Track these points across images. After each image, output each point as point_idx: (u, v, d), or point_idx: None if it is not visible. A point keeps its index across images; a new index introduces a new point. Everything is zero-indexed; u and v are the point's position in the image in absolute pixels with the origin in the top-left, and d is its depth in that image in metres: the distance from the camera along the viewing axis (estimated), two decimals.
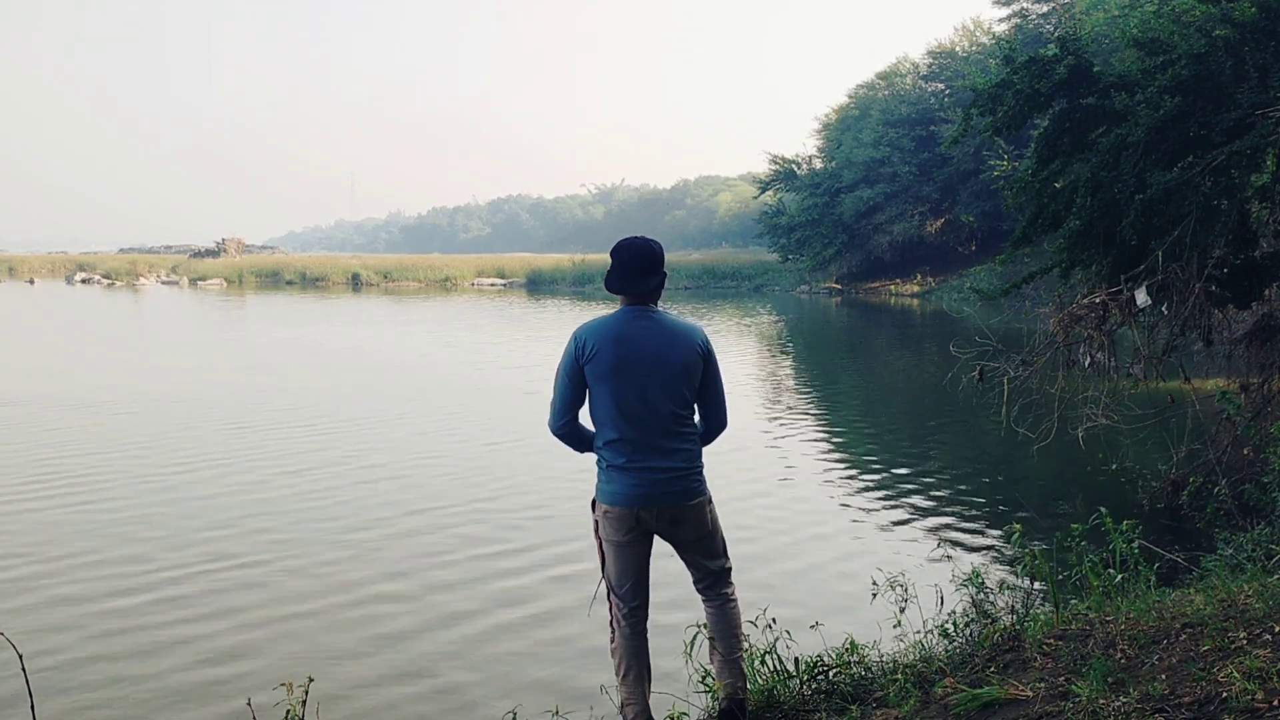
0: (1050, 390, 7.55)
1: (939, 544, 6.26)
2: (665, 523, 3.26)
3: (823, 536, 7.26)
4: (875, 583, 4.28)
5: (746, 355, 20.06)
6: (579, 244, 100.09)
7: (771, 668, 3.68)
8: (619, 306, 3.30)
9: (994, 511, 7.81)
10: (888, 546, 6.91)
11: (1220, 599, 3.56)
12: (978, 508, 7.96)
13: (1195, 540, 5.90)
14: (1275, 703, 2.48)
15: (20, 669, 2.82)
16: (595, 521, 3.34)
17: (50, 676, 4.81)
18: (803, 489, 8.70)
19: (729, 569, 3.44)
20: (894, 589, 4.14)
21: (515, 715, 3.68)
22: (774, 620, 3.79)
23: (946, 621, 4.04)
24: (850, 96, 45.95)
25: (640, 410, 3.18)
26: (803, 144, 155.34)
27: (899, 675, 3.47)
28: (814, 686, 3.65)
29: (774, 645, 3.73)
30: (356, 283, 53.28)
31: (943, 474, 9.19)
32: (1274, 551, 4.45)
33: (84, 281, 55.21)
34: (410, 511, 7.86)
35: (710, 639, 3.41)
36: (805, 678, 3.66)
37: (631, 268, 3.25)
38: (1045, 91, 7.94)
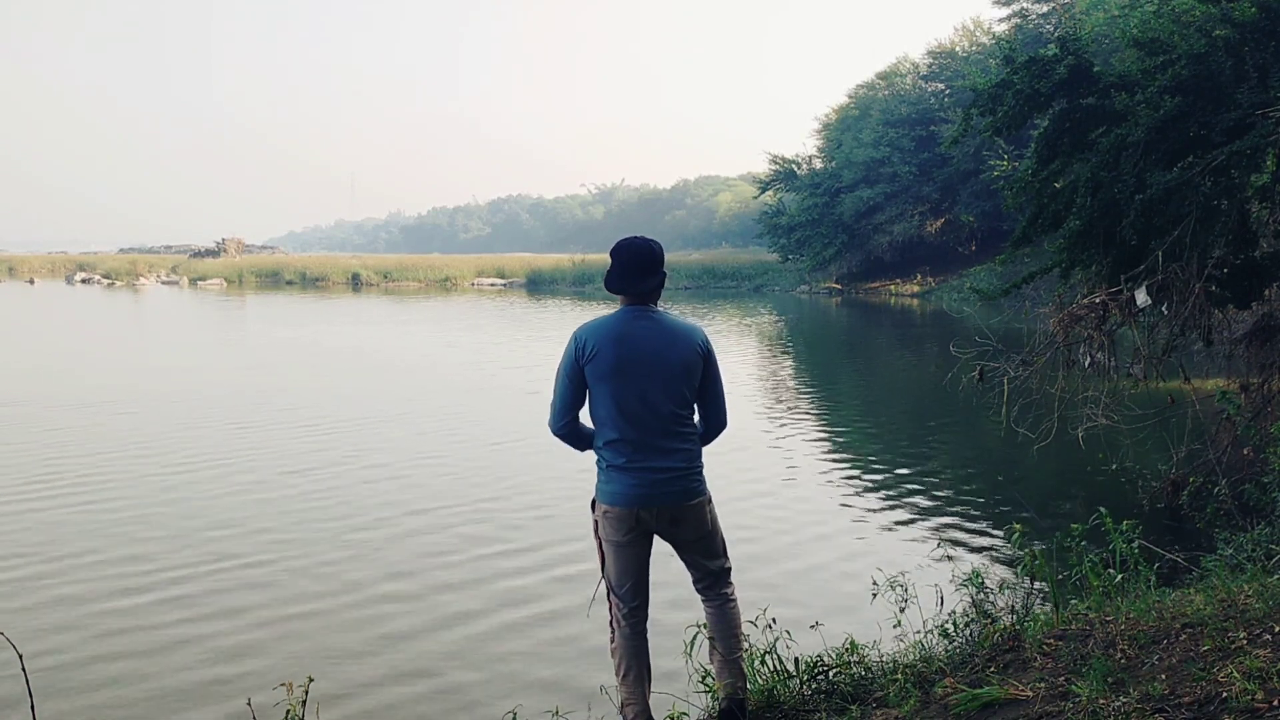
0: (1050, 390, 7.55)
1: (939, 544, 6.26)
2: (665, 523, 3.26)
3: (823, 536, 7.26)
4: (875, 583, 4.28)
5: (747, 355, 20.06)
6: (579, 244, 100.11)
7: (771, 668, 3.69)
8: (619, 306, 3.30)
9: (994, 511, 7.81)
10: (888, 546, 6.92)
11: (1220, 599, 3.56)
12: (978, 508, 7.96)
13: (1195, 540, 5.90)
14: (1275, 703, 2.48)
15: (20, 669, 2.82)
16: (595, 521, 3.34)
17: (52, 676, 4.81)
18: (802, 489, 8.70)
19: (729, 569, 3.44)
20: (894, 589, 4.14)
21: (515, 715, 3.68)
22: (774, 620, 3.79)
23: (946, 621, 4.04)
24: (850, 96, 45.98)
25: (640, 410, 3.18)
26: (803, 144, 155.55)
27: (899, 675, 3.48)
28: (814, 686, 3.65)
29: (774, 645, 3.74)
30: (356, 283, 53.29)
31: (943, 474, 9.20)
32: (1274, 551, 4.45)
33: (84, 281, 55.22)
34: (412, 511, 7.86)
35: (710, 639, 3.40)
36: (805, 678, 3.67)
37: (631, 268, 3.25)
38: (1045, 91, 7.95)
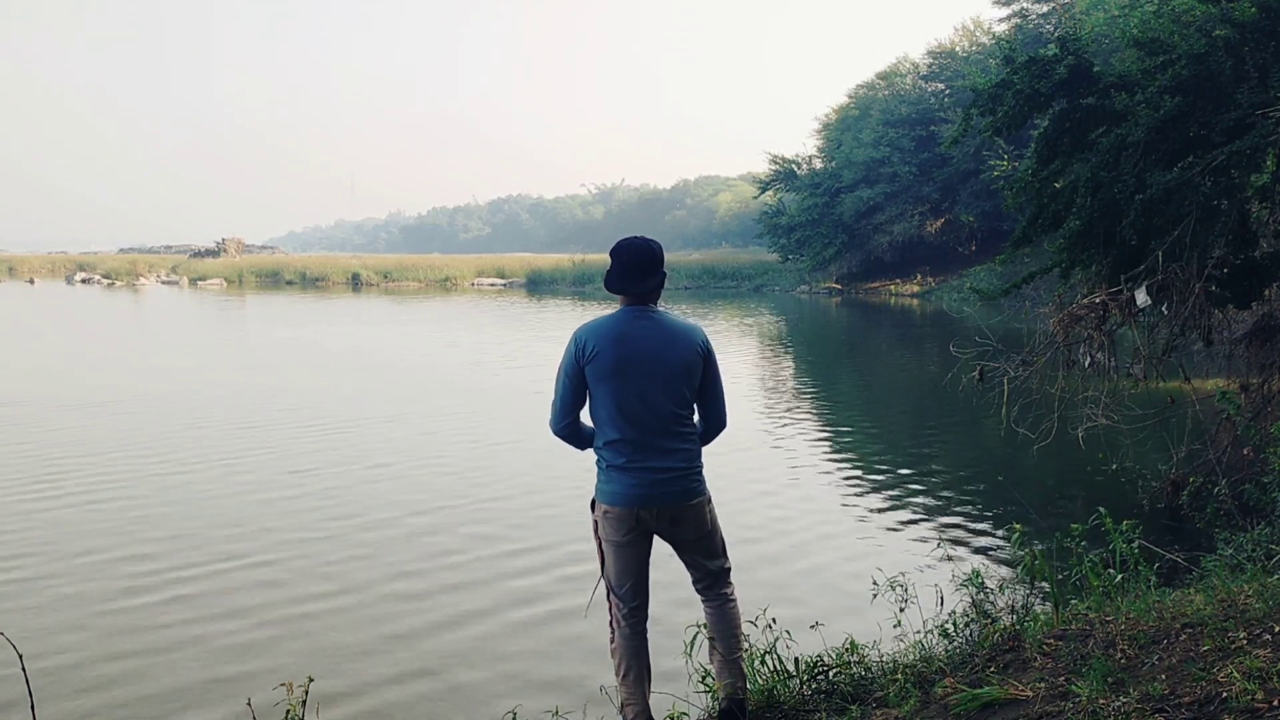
0: (1050, 390, 7.55)
1: (939, 544, 6.26)
2: (665, 523, 3.26)
3: (823, 536, 7.26)
4: (875, 583, 4.27)
5: (747, 355, 20.06)
6: (579, 244, 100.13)
7: (771, 668, 3.69)
8: (619, 307, 3.30)
9: (994, 511, 7.81)
10: (888, 546, 6.91)
11: (1220, 599, 3.56)
12: (978, 508, 7.96)
13: (1195, 540, 5.90)
14: (1275, 703, 2.48)
15: (21, 669, 2.82)
16: (595, 521, 3.34)
17: (56, 677, 4.80)
18: (802, 489, 8.70)
19: (728, 569, 3.44)
20: (894, 589, 4.14)
21: (515, 715, 3.68)
22: (774, 620, 3.79)
23: (946, 621, 4.04)
24: (850, 96, 45.98)
25: (640, 410, 3.18)
26: (803, 144, 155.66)
27: (899, 675, 3.48)
28: (814, 686, 3.65)
29: (774, 645, 3.74)
30: (356, 283, 53.29)
31: (942, 474, 9.19)
32: (1274, 551, 4.45)
33: (84, 281, 55.22)
34: (416, 511, 7.86)
35: (710, 639, 3.40)
36: (805, 678, 3.67)
37: (631, 268, 3.25)
38: (1045, 91, 7.95)
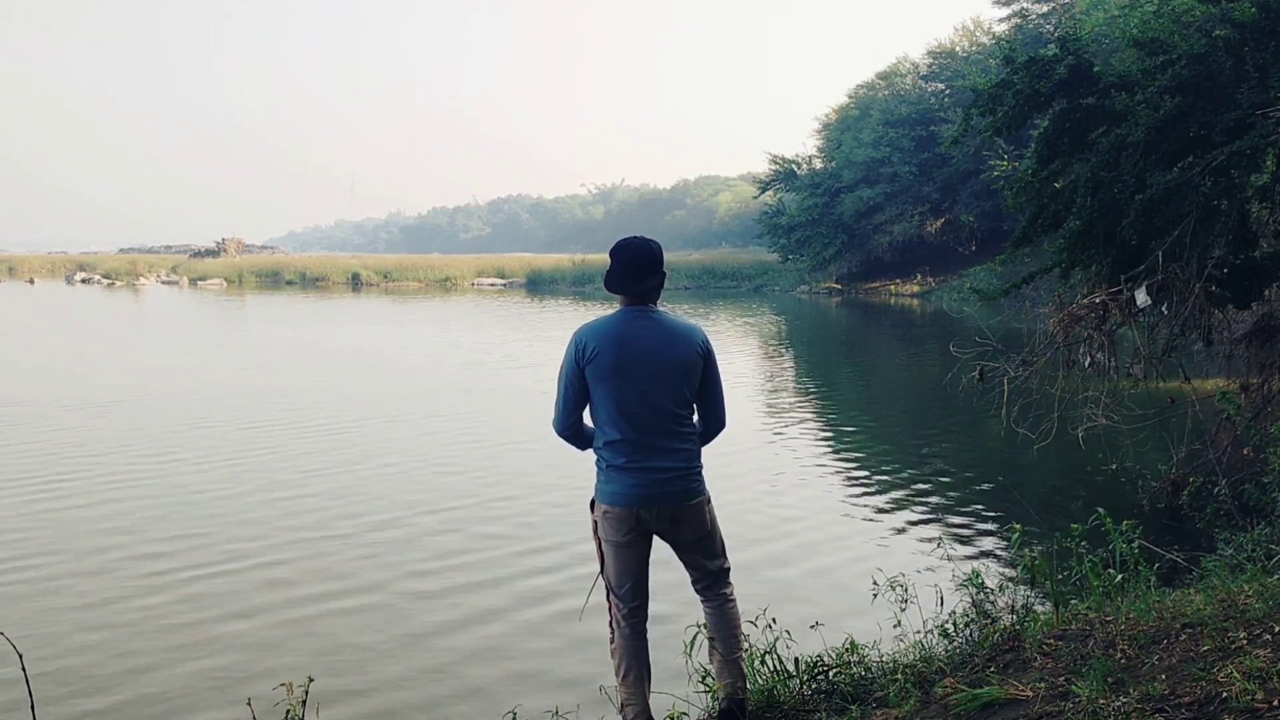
0: (1050, 390, 7.55)
1: (939, 544, 6.26)
2: (665, 523, 3.26)
3: (822, 537, 7.26)
4: (875, 583, 4.27)
5: (747, 355, 20.06)
6: (579, 244, 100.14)
7: (771, 668, 3.68)
8: (619, 307, 3.30)
9: (994, 511, 7.81)
10: (888, 546, 6.91)
11: (1220, 599, 3.56)
12: (978, 508, 7.96)
13: (1195, 540, 5.90)
14: (1275, 703, 2.48)
15: (21, 669, 2.82)
16: (595, 522, 3.34)
17: (58, 678, 4.79)
18: (801, 489, 8.69)
19: (728, 569, 3.44)
20: (894, 589, 4.14)
21: (515, 715, 3.68)
22: (774, 620, 3.79)
23: (946, 621, 4.04)
24: (850, 96, 45.99)
25: (640, 410, 3.18)
26: (803, 144, 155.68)
27: (899, 675, 3.48)
28: (814, 686, 3.65)
29: (774, 645, 3.74)
30: (356, 283, 53.29)
31: (943, 474, 9.19)
32: (1274, 551, 4.45)
33: (84, 281, 55.23)
34: (424, 511, 7.85)
35: (710, 639, 3.40)
36: (805, 678, 3.67)
37: (631, 268, 3.25)
38: (1045, 91, 7.94)
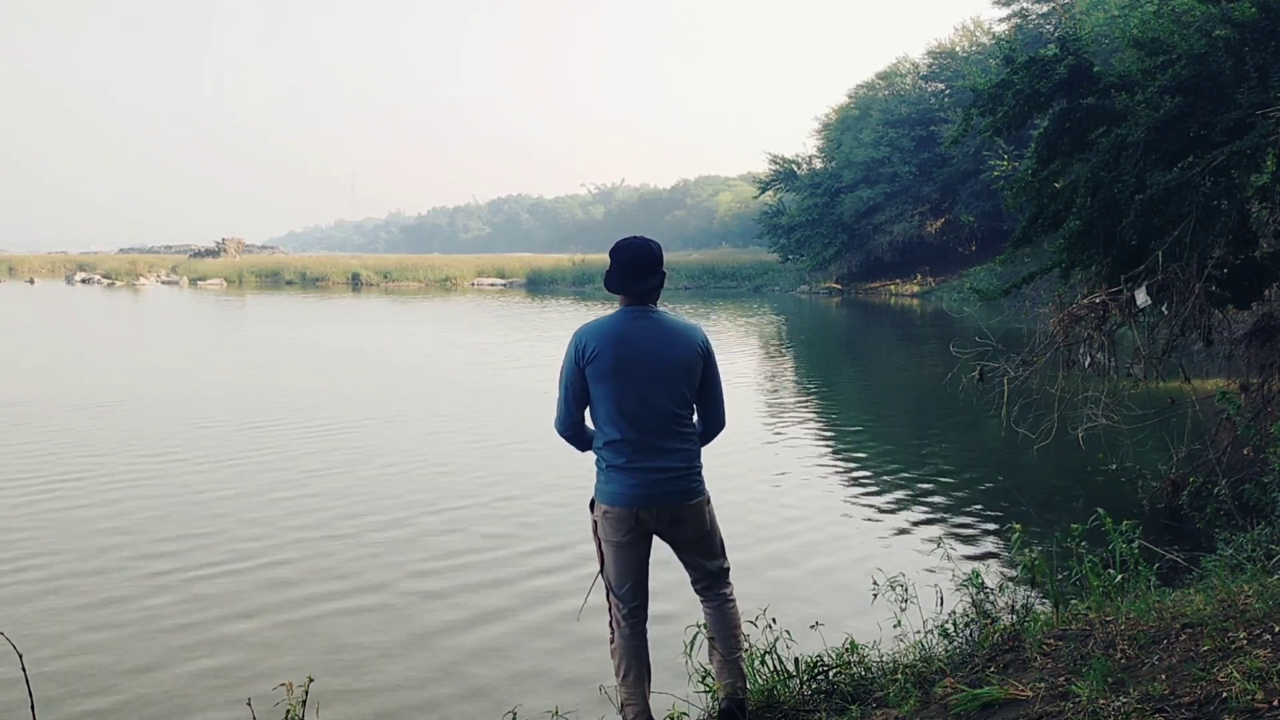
0: (1050, 390, 7.55)
1: (939, 544, 6.25)
2: (665, 523, 3.26)
3: (822, 537, 7.25)
4: (875, 583, 4.27)
5: (747, 355, 20.06)
6: (579, 244, 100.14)
7: (771, 668, 3.68)
8: (618, 307, 3.30)
9: (994, 511, 7.81)
10: (888, 546, 6.91)
11: (1220, 599, 3.56)
12: (978, 508, 7.96)
13: (1195, 540, 5.90)
14: (1275, 703, 2.48)
15: (21, 669, 2.82)
16: (594, 522, 3.35)
17: (59, 680, 4.79)
18: (801, 489, 8.69)
19: (727, 569, 3.44)
20: (894, 589, 4.14)
21: (515, 715, 3.68)
22: (774, 620, 3.79)
23: (946, 621, 4.03)
24: (850, 96, 45.99)
25: (640, 410, 3.18)
26: (803, 144, 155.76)
27: (899, 675, 3.47)
28: (814, 686, 3.65)
29: (774, 645, 3.73)
30: (356, 283, 53.29)
31: (943, 474, 9.19)
32: (1274, 551, 4.45)
33: (84, 281, 55.23)
34: (427, 511, 7.84)
35: (710, 639, 3.40)
36: (805, 678, 3.67)
37: (631, 268, 3.25)
38: (1045, 91, 7.94)
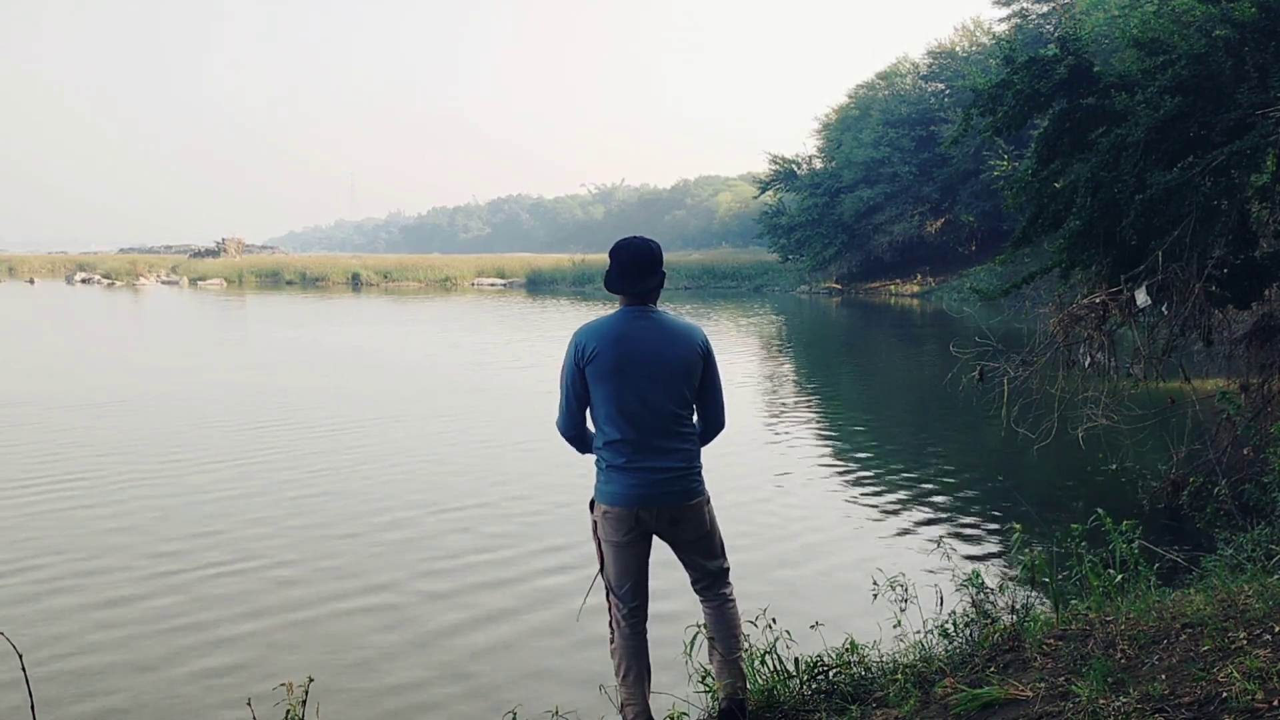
0: (1050, 390, 7.55)
1: (939, 544, 6.24)
2: (665, 523, 3.26)
3: (823, 537, 7.25)
4: (875, 583, 4.27)
5: (747, 356, 20.05)
6: (579, 244, 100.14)
7: (771, 668, 3.68)
8: (618, 307, 3.30)
9: (994, 511, 7.81)
10: (888, 546, 6.91)
11: (1220, 599, 3.56)
12: (978, 508, 7.96)
13: (1195, 540, 5.90)
14: (1275, 703, 2.48)
15: (21, 669, 2.82)
16: (594, 522, 3.35)
17: (60, 680, 4.79)
18: (802, 489, 8.69)
19: (727, 569, 3.44)
20: (894, 589, 4.14)
21: (515, 715, 3.68)
22: (774, 620, 3.79)
23: (946, 621, 4.03)
24: (850, 96, 45.99)
25: (640, 410, 3.18)
26: (803, 144, 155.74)
27: (899, 675, 3.47)
28: (814, 686, 3.65)
29: (774, 645, 3.73)
30: (356, 283, 53.28)
31: (943, 474, 9.19)
32: (1274, 551, 4.45)
33: (84, 281, 55.22)
34: (432, 511, 7.84)
35: (710, 639, 3.40)
36: (805, 678, 3.67)
37: (631, 268, 3.25)
38: (1045, 91, 7.94)
